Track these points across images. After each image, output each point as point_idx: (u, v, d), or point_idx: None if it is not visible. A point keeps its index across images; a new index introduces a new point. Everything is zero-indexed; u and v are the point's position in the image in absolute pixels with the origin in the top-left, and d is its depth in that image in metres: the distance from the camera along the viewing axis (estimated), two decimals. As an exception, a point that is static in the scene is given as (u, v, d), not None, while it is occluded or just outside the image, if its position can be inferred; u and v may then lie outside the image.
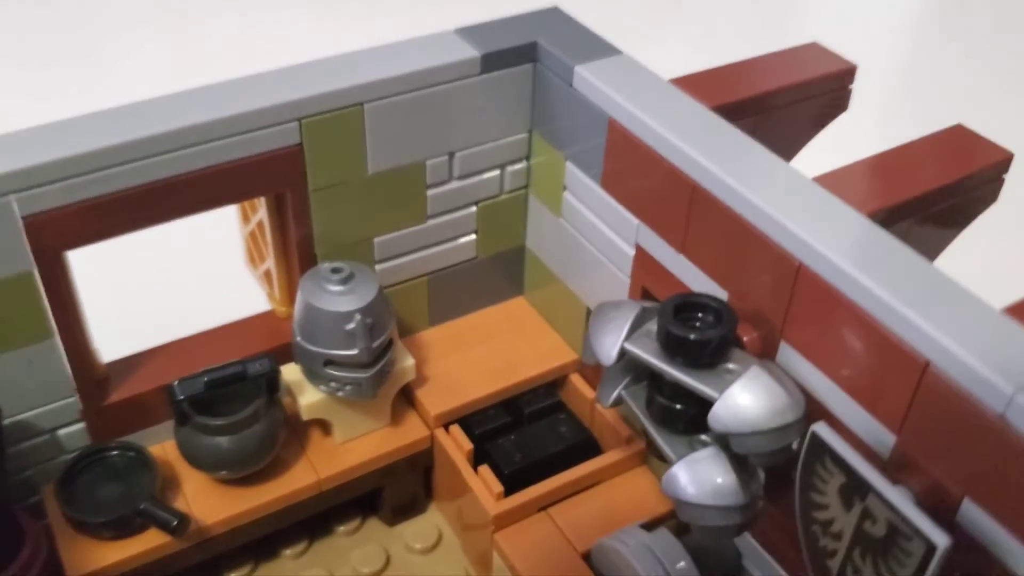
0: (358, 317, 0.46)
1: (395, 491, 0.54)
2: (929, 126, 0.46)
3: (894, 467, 0.37)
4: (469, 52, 0.48)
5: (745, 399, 0.39)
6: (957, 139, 0.46)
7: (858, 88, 0.50)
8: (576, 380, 0.56)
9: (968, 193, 0.45)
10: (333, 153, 0.47)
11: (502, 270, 0.57)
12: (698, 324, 0.40)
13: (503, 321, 0.58)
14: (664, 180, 0.44)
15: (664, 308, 0.40)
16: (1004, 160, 0.45)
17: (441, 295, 0.56)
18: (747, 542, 0.47)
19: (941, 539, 0.33)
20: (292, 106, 0.44)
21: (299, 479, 0.50)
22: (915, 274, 0.37)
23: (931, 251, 0.46)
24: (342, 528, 0.54)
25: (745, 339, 0.42)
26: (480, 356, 0.56)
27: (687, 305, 0.41)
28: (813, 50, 0.52)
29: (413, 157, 0.50)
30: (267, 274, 0.53)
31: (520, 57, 0.49)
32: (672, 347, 0.40)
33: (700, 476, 0.41)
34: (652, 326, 0.42)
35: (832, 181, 0.42)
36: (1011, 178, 0.46)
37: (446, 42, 0.49)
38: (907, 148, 0.45)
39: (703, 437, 0.42)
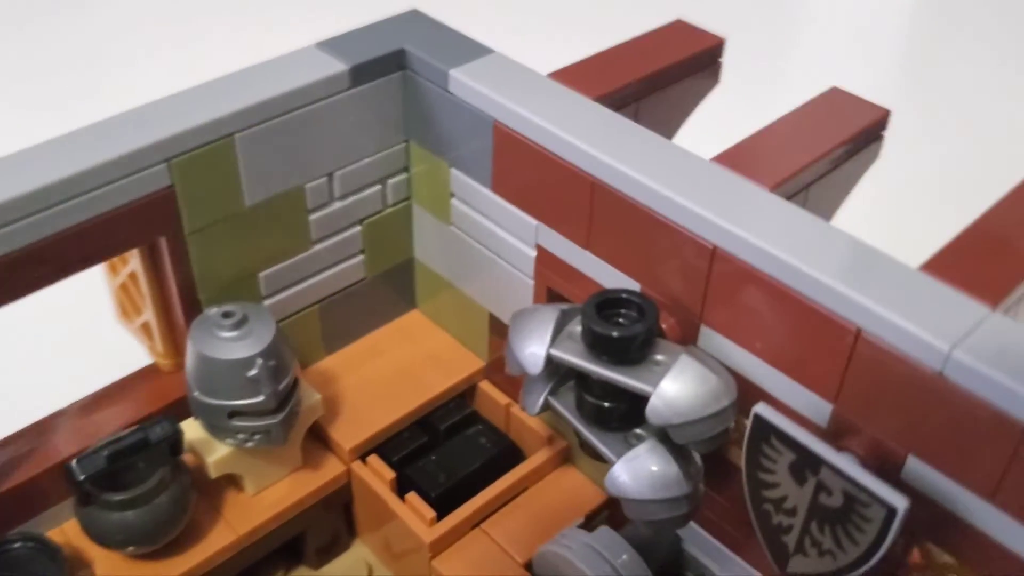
0: (259, 361, 0.43)
1: (317, 533, 0.51)
2: (805, 92, 0.47)
3: (833, 435, 0.38)
4: (336, 66, 0.46)
5: (679, 389, 0.38)
6: (834, 102, 0.47)
7: (728, 61, 0.51)
8: (486, 387, 0.54)
9: (854, 154, 0.46)
10: (207, 190, 0.44)
11: (393, 286, 0.55)
12: (621, 320, 0.40)
13: (401, 338, 0.56)
14: (560, 178, 0.43)
15: (587, 308, 0.39)
16: (882, 118, 0.46)
17: (334, 321, 0.54)
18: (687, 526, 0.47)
19: (900, 502, 0.33)
20: (158, 147, 0.41)
21: (217, 540, 0.46)
22: (831, 243, 0.37)
23: (826, 216, 0.47)
24: (266, 581, 0.51)
25: (664, 327, 0.42)
26: (384, 378, 0.54)
27: (608, 302, 0.40)
28: (679, 28, 0.52)
29: (291, 183, 0.47)
30: (145, 327, 0.49)
31: (389, 66, 0.47)
32: (599, 346, 0.39)
33: (642, 472, 0.40)
34: (574, 328, 0.41)
35: (729, 160, 0.42)
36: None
37: (310, 58, 0.46)
38: (791, 117, 0.46)
39: (638, 431, 0.42)
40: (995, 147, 0.86)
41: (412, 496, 0.49)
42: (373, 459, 0.50)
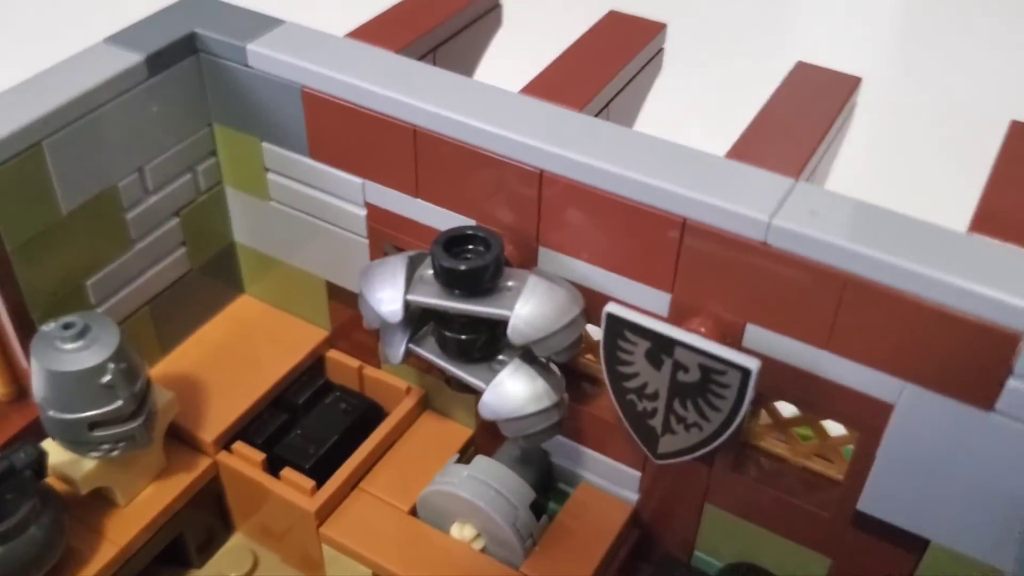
0: (111, 366, 0.43)
1: (194, 532, 0.51)
2: (588, 18, 0.50)
3: (676, 320, 0.41)
4: (131, 58, 0.45)
5: (533, 308, 0.41)
6: (615, 24, 0.50)
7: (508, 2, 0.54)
8: (335, 355, 0.55)
9: (642, 69, 0.50)
10: (23, 203, 0.42)
11: (219, 274, 0.55)
12: (470, 256, 0.42)
13: (237, 325, 0.56)
14: (380, 132, 0.44)
15: (435, 249, 0.41)
16: (660, 31, 0.50)
17: (167, 319, 0.53)
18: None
19: (752, 363, 0.37)
20: (-36, 166, 0.39)
21: (98, 559, 0.45)
22: (643, 148, 0.40)
23: (628, 126, 0.50)
24: (151, 590, 0.50)
25: (505, 256, 0.44)
26: (230, 367, 0.53)
27: (454, 240, 0.42)
28: (456, -24, 0.54)
29: (104, 183, 0.46)
30: (-29, 360, 0.47)
31: (182, 51, 0.47)
32: (453, 282, 0.41)
33: (512, 392, 0.43)
34: (424, 271, 0.43)
35: (537, 90, 0.45)
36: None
37: (102, 54, 0.45)
38: (580, 44, 0.49)
39: (500, 357, 0.44)
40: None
41: (288, 471, 0.49)
42: (239, 445, 0.50)
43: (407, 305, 0.42)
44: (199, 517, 0.51)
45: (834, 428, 0.43)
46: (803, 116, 0.43)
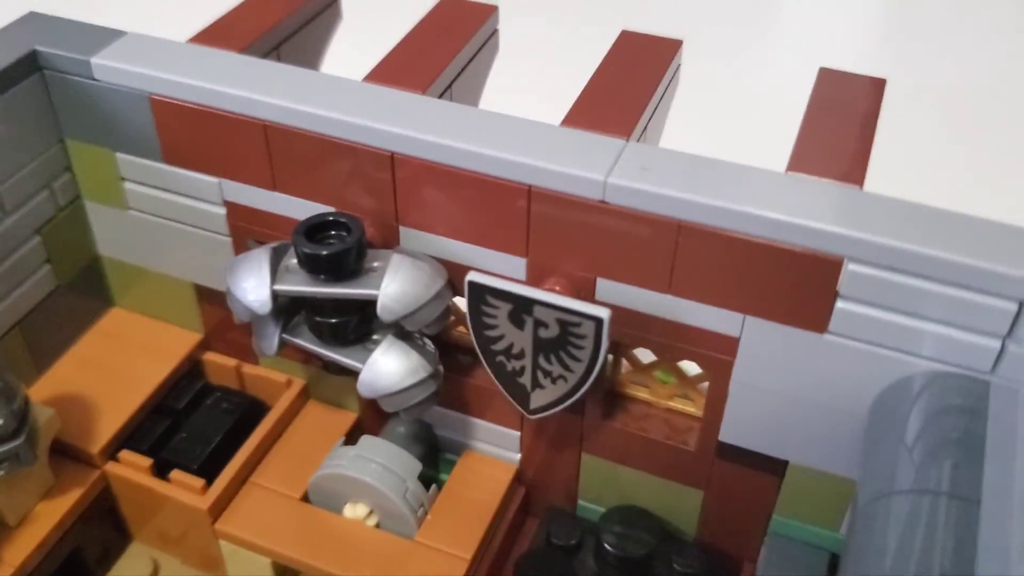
0: (-15, 387, 0.43)
1: (91, 544, 0.51)
2: (424, 5, 0.52)
3: (533, 282, 0.44)
4: (-29, 81, 0.45)
5: (400, 284, 0.43)
6: (450, 9, 0.52)
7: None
8: (212, 357, 0.56)
9: (479, 51, 0.52)
10: None
11: (86, 288, 0.55)
12: (332, 241, 0.43)
13: (110, 337, 0.56)
14: (232, 131, 0.45)
15: (296, 237, 0.43)
16: (492, 13, 0.52)
17: (38, 339, 0.53)
18: (432, 412, 0.52)
19: (603, 312, 0.40)
20: None
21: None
22: (486, 124, 0.43)
23: (474, 104, 0.53)
24: (52, 609, 0.50)
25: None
26: (106, 380, 0.53)
27: (315, 228, 0.43)
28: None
29: (-43, 209, 0.46)
30: None
31: (25, 70, 0.47)
32: (318, 268, 0.43)
33: (388, 368, 0.45)
34: (289, 261, 0.44)
35: (379, 77, 0.46)
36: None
37: (-61, 79, 0.45)
38: (418, 30, 0.51)
39: (374, 337, 0.46)
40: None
41: (176, 473, 0.50)
42: (124, 454, 0.51)
43: (275, 296, 0.44)
44: (94, 530, 0.51)
45: (691, 369, 0.47)
46: (630, 81, 0.46)
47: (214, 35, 0.49)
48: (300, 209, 0.47)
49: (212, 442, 0.52)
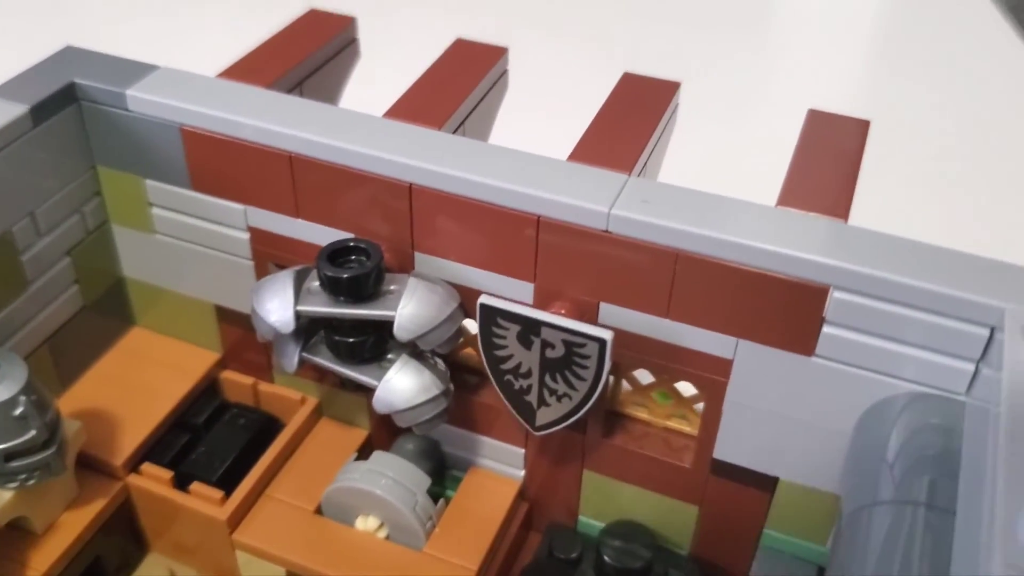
0: (23, 399, 0.45)
1: (110, 554, 0.53)
2: (436, 46, 0.55)
3: (540, 306, 0.47)
4: (16, 109, 0.48)
5: (416, 306, 0.46)
6: (462, 52, 0.56)
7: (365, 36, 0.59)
8: (229, 375, 0.58)
9: (489, 91, 0.55)
10: (-78, 252, 0.45)
11: (110, 308, 0.58)
12: (353, 265, 0.46)
13: (131, 355, 0.58)
14: (259, 161, 0.48)
15: (320, 261, 0.46)
16: (502, 55, 0.56)
17: (64, 356, 0.55)
18: (440, 430, 0.54)
19: (606, 334, 0.43)
20: None
21: (23, 585, 0.48)
22: (498, 158, 0.46)
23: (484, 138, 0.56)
24: (73, 616, 0.53)
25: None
26: (128, 395, 0.56)
27: (337, 252, 0.46)
28: (315, 16, 0.58)
29: (-1, 229, 0.48)
30: None
31: (64, 100, 0.50)
32: (339, 290, 0.46)
33: (402, 385, 0.48)
34: (311, 283, 0.47)
35: (398, 113, 0.49)
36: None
37: (-16, 107, 0.48)
38: (433, 70, 0.54)
39: (389, 356, 0.49)
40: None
41: (196, 485, 0.52)
42: (146, 466, 0.53)
43: (297, 316, 0.46)
44: (114, 540, 0.53)
45: (687, 390, 0.50)
46: (632, 119, 0.49)
47: (242, 71, 0.52)
48: (321, 235, 0.49)
49: (230, 456, 0.54)
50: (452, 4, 1.20)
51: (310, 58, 0.55)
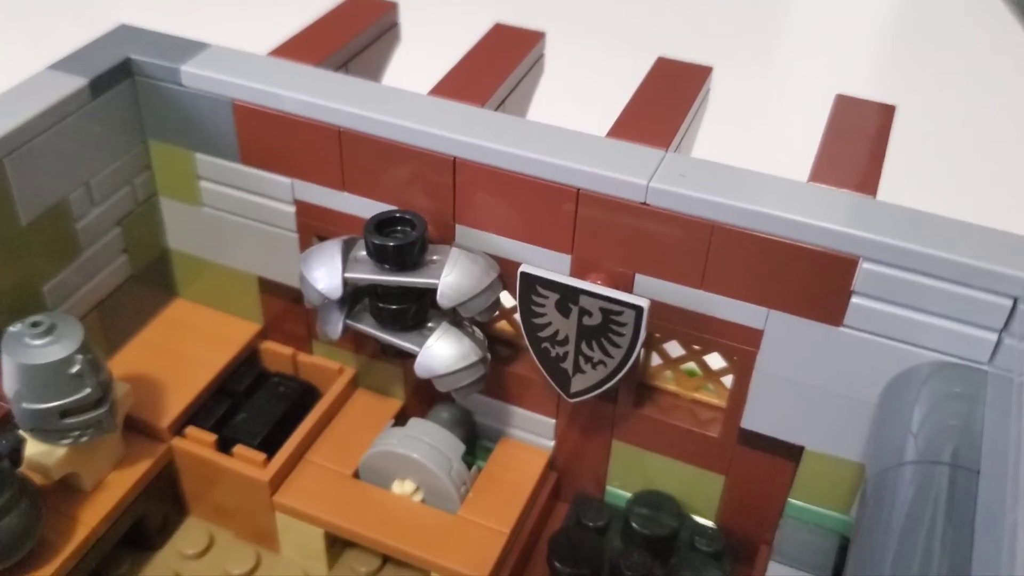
0: (79, 357, 0.47)
1: (153, 514, 0.55)
2: (470, 30, 0.57)
3: (576, 277, 0.48)
4: (77, 82, 0.50)
5: (458, 275, 0.48)
6: (500, 35, 0.57)
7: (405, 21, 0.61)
8: (269, 346, 0.60)
9: (527, 73, 0.57)
10: (-14, 216, 0.47)
11: (155, 279, 0.60)
12: (399, 235, 0.48)
13: (174, 325, 0.60)
14: (309, 136, 0.50)
15: (367, 230, 0.47)
16: (540, 39, 0.58)
17: (112, 322, 0.57)
18: (473, 400, 0.56)
19: (643, 302, 0.45)
20: (-62, 181, 0.44)
21: (73, 540, 0.49)
22: (539, 133, 0.48)
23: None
24: (118, 572, 0.54)
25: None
26: (173, 363, 0.58)
27: (383, 223, 0.48)
28: (358, 0, 0.60)
29: (57, 196, 0.50)
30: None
31: (119, 75, 0.52)
32: (385, 258, 0.48)
33: (442, 352, 0.49)
34: (358, 253, 0.49)
35: (443, 91, 0.51)
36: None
37: (49, 79, 0.50)
38: (474, 52, 0.56)
39: (429, 324, 0.51)
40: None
41: (239, 448, 0.54)
42: (191, 429, 0.55)
43: (345, 283, 0.48)
44: (156, 501, 0.55)
45: (715, 363, 0.51)
46: (667, 100, 0.51)
47: (290, 50, 0.54)
48: (365, 208, 0.51)
49: (271, 421, 0.56)
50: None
51: (353, 41, 0.57)
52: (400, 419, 0.58)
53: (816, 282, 0.44)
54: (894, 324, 0.43)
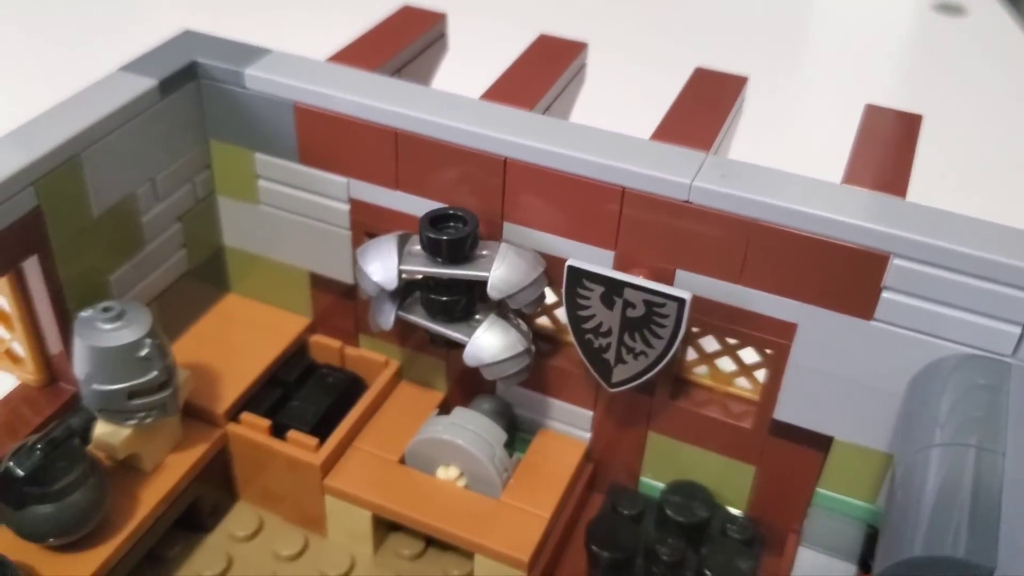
0: (148, 341, 0.50)
1: (207, 497, 0.58)
2: (513, 41, 0.60)
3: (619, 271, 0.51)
4: (147, 83, 0.53)
5: (507, 268, 0.50)
6: (545, 46, 0.60)
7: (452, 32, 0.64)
8: (318, 339, 0.63)
9: (571, 80, 0.60)
10: (65, 206, 0.49)
11: (210, 274, 0.62)
12: (451, 230, 0.51)
13: (227, 319, 0.63)
14: (366, 137, 0.53)
15: (422, 225, 0.50)
16: (582, 50, 0.61)
17: (170, 314, 0.60)
18: (512, 392, 0.59)
19: (685, 294, 0.48)
20: (26, 172, 0.46)
21: (134, 517, 0.52)
22: (583, 135, 0.50)
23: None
24: (172, 552, 0.57)
25: (476, 232, 0.53)
26: (227, 353, 0.60)
27: (437, 219, 0.51)
28: (408, 12, 0.63)
29: (125, 191, 0.53)
30: (8, 353, 0.54)
31: (186, 77, 0.55)
32: (439, 252, 0.50)
33: (490, 341, 0.52)
34: (412, 247, 0.52)
35: (493, 96, 0.54)
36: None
37: (121, 80, 0.53)
38: (521, 61, 0.59)
39: (477, 316, 0.53)
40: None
41: (293, 433, 0.57)
42: (246, 415, 0.58)
43: (400, 274, 0.51)
44: (210, 485, 0.58)
45: (749, 358, 0.54)
46: (706, 106, 0.54)
47: (347, 57, 0.57)
48: (416, 206, 0.54)
49: (322, 408, 0.59)
50: (532, 3, 1.28)
51: (404, 50, 0.60)
52: (442, 410, 0.61)
53: (849, 277, 0.46)
54: (922, 318, 0.46)
